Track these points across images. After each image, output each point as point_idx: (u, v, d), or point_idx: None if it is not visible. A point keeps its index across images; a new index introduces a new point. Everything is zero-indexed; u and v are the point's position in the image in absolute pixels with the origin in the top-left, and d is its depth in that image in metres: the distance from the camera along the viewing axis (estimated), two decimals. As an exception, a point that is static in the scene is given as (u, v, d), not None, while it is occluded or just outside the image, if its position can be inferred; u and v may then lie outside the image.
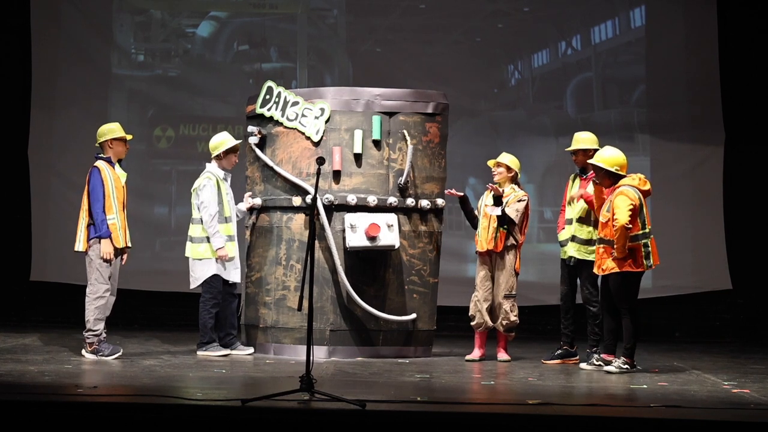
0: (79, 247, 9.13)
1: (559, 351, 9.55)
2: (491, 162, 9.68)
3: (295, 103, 9.69)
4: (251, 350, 9.68)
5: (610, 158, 8.79)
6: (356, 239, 9.36)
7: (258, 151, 9.81)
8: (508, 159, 9.63)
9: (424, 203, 9.73)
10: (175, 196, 12.93)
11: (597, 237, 8.87)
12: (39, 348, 9.80)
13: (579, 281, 9.44)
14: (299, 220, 9.66)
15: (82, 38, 12.85)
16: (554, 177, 12.38)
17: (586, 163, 9.42)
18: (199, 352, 9.49)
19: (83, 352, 9.10)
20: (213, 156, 9.70)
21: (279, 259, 9.70)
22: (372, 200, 9.53)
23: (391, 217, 9.47)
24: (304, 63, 12.97)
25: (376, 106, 9.67)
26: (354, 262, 9.54)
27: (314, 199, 7.68)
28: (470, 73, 12.93)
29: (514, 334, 9.69)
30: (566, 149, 9.65)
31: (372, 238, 9.36)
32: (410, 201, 9.67)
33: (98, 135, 9.32)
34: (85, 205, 9.15)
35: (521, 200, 9.54)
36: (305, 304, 7.23)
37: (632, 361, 8.79)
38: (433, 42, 13.13)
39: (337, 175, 9.59)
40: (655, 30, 12.81)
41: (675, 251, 12.37)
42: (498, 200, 9.39)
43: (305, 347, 7.17)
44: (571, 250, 9.38)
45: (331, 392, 6.77)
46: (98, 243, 9.04)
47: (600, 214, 8.84)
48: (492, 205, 9.42)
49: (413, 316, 9.67)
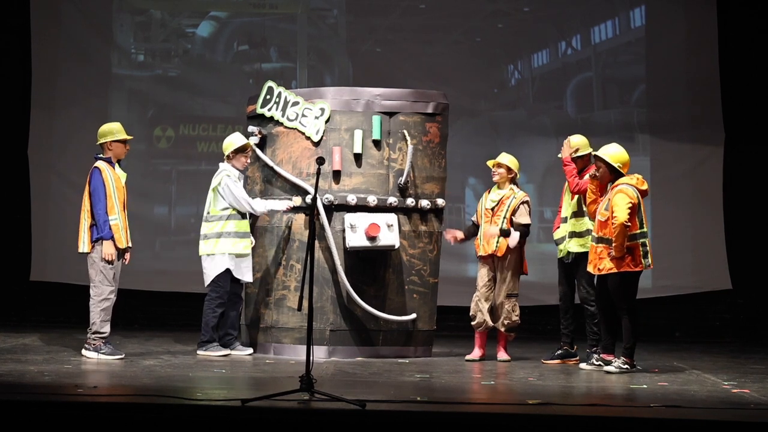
0: (84, 248, 9.12)
1: (560, 351, 9.55)
2: (491, 162, 9.67)
3: (296, 103, 9.69)
4: (251, 350, 9.68)
5: (615, 155, 8.81)
6: (356, 239, 9.36)
7: (258, 151, 9.81)
8: (508, 159, 9.62)
9: (424, 203, 9.73)
10: (175, 196, 12.94)
11: (595, 235, 8.84)
12: (39, 348, 9.80)
13: (576, 280, 9.44)
14: (299, 220, 9.67)
15: (82, 38, 12.85)
16: (554, 177, 12.36)
17: (582, 166, 9.42)
18: (199, 352, 9.49)
19: (83, 351, 9.10)
20: (225, 156, 9.70)
21: (279, 259, 9.70)
22: (372, 200, 9.53)
23: (391, 217, 9.47)
24: (304, 63, 12.97)
25: (376, 106, 9.67)
26: (354, 262, 9.54)
27: (314, 199, 7.69)
28: (470, 73, 12.93)
29: (515, 334, 9.69)
30: (573, 155, 9.46)
31: (372, 238, 9.36)
32: (410, 201, 9.67)
33: (99, 135, 9.31)
34: (86, 206, 9.14)
35: (525, 202, 9.57)
36: (305, 304, 7.23)
37: (632, 361, 8.79)
38: (433, 42, 13.13)
39: (337, 175, 9.59)
40: (655, 30, 12.81)
41: (675, 251, 12.38)
42: (506, 233, 9.44)
43: (305, 347, 7.17)
44: (571, 246, 9.37)
45: (331, 392, 6.77)
46: (100, 244, 9.04)
47: (598, 213, 8.83)
48: (499, 235, 9.45)
49: (413, 316, 9.67)
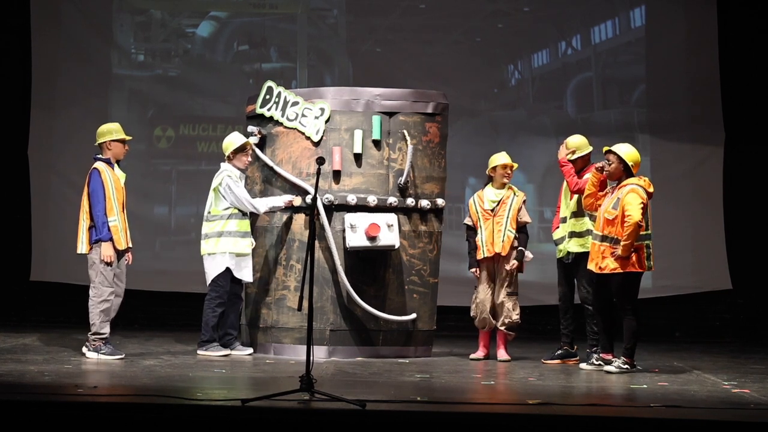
0: (82, 249, 9.12)
1: (560, 351, 9.55)
2: (507, 163, 9.58)
3: (295, 103, 9.70)
4: (251, 350, 9.68)
5: (628, 153, 8.82)
6: (356, 239, 9.36)
7: (258, 151, 9.81)
8: (510, 160, 9.67)
9: (424, 203, 9.74)
10: (175, 196, 12.94)
11: (598, 233, 8.82)
12: (39, 348, 9.80)
13: (576, 280, 9.44)
14: (299, 220, 9.67)
15: (82, 38, 12.85)
16: (554, 177, 12.34)
17: (583, 166, 9.43)
18: (199, 352, 9.49)
19: (84, 350, 9.10)
20: (225, 157, 9.70)
21: (279, 259, 9.70)
22: (372, 200, 9.53)
23: (391, 217, 9.47)
24: (304, 63, 12.97)
25: (376, 106, 9.67)
26: (354, 262, 9.54)
27: (314, 199, 7.69)
28: (470, 73, 12.92)
29: (515, 333, 9.69)
30: (569, 158, 9.48)
31: (372, 238, 9.37)
32: (410, 201, 9.67)
33: (98, 135, 9.31)
34: (85, 207, 9.14)
35: (524, 200, 9.62)
36: (305, 304, 7.23)
37: (632, 361, 8.79)
38: (433, 42, 13.13)
39: (337, 175, 9.59)
40: (655, 30, 12.81)
41: (675, 251, 12.38)
42: (521, 257, 9.56)
43: (305, 347, 7.17)
44: (571, 246, 9.37)
45: (331, 392, 6.77)
46: (99, 246, 9.04)
47: (604, 211, 8.80)
48: (516, 258, 9.55)
49: (413, 316, 9.67)
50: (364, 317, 9.56)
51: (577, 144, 9.50)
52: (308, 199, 9.48)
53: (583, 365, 9.17)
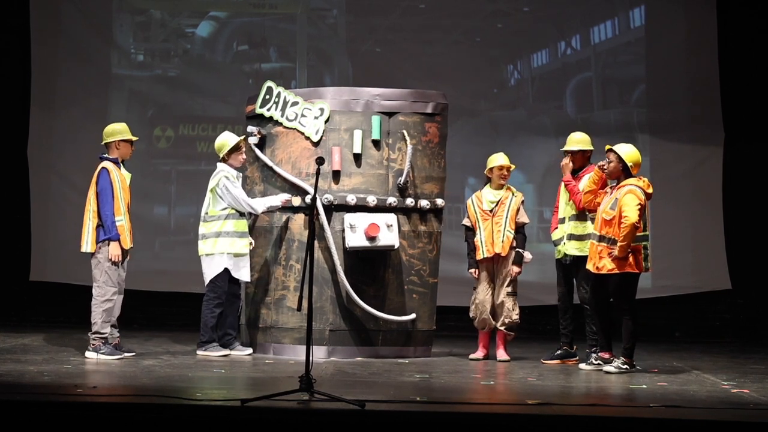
0: (87, 248, 9.12)
1: (559, 351, 9.54)
2: (505, 164, 9.60)
3: (295, 103, 9.69)
4: (250, 350, 9.68)
5: (630, 153, 8.82)
6: (356, 239, 9.36)
7: (257, 151, 9.81)
8: (508, 161, 9.66)
9: (424, 203, 9.74)
10: (174, 196, 12.93)
11: (596, 233, 8.83)
12: (39, 348, 9.80)
13: (575, 281, 9.44)
14: (299, 220, 9.67)
15: (82, 38, 12.85)
16: (554, 177, 12.32)
17: (582, 164, 9.46)
18: (198, 352, 9.50)
19: (87, 353, 9.12)
20: (220, 158, 9.70)
21: (278, 259, 9.70)
22: (371, 200, 9.53)
23: (391, 217, 9.47)
24: (303, 63, 12.96)
25: (376, 106, 9.67)
26: (353, 262, 9.54)
27: (314, 199, 7.68)
28: (470, 73, 12.92)
29: (514, 333, 9.69)
30: (562, 149, 9.61)
31: (371, 238, 9.36)
32: (410, 201, 9.67)
33: (105, 135, 9.30)
34: (92, 206, 9.12)
35: (522, 201, 9.60)
36: (305, 304, 7.23)
37: (631, 361, 8.79)
38: (433, 42, 13.12)
39: (336, 175, 9.59)
40: (654, 30, 12.81)
41: (675, 251, 12.38)
42: (519, 259, 9.56)
43: (305, 347, 7.17)
44: (569, 249, 9.37)
45: (331, 392, 6.77)
46: (107, 245, 9.04)
47: (602, 211, 8.81)
48: (514, 262, 9.56)
49: (413, 316, 9.67)
50: (364, 317, 9.56)
51: (579, 140, 9.51)
52: (308, 199, 9.48)
53: (582, 365, 9.17)
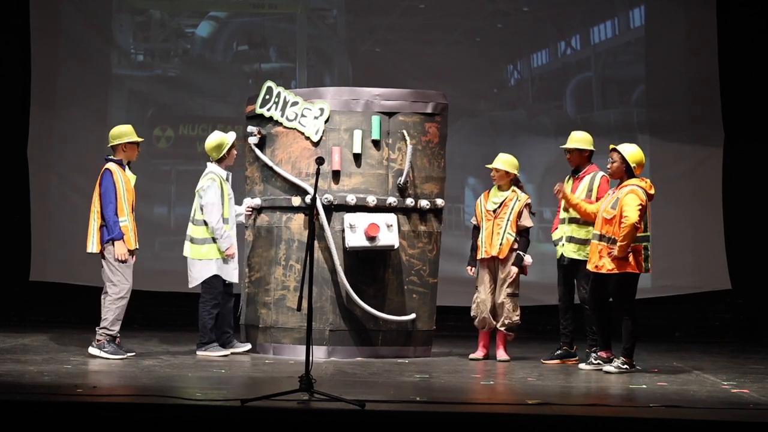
0: (92, 248, 9.15)
1: (559, 351, 9.55)
2: (490, 166, 9.67)
3: (295, 103, 9.69)
4: (249, 346, 9.68)
5: (632, 154, 8.82)
6: (356, 239, 9.36)
7: (257, 151, 9.81)
8: (503, 163, 9.61)
9: (424, 203, 9.73)
10: (174, 196, 12.93)
11: (596, 233, 8.83)
12: (39, 348, 9.80)
13: (575, 281, 9.44)
14: (299, 220, 9.67)
15: (82, 38, 12.85)
16: (554, 177, 12.33)
17: (579, 163, 9.47)
18: (198, 352, 9.50)
19: (90, 348, 9.12)
20: (217, 158, 9.68)
21: (278, 259, 9.70)
22: (371, 200, 9.53)
23: (391, 217, 9.47)
24: (303, 63, 12.96)
25: (376, 106, 9.67)
26: (353, 262, 9.54)
27: (314, 199, 7.68)
28: (470, 73, 12.92)
29: (515, 334, 9.69)
30: (561, 146, 9.65)
31: (371, 238, 9.36)
32: (410, 201, 9.67)
33: (111, 137, 9.32)
34: (96, 207, 9.16)
35: (527, 204, 9.59)
36: (305, 304, 7.24)
37: (631, 361, 8.79)
38: (433, 42, 13.13)
39: (336, 175, 9.59)
40: (654, 30, 12.81)
41: (675, 251, 12.38)
42: (520, 262, 9.53)
43: (305, 347, 7.17)
44: (568, 251, 9.37)
45: (331, 392, 6.77)
46: (112, 245, 9.06)
47: (603, 210, 8.81)
48: (514, 263, 9.54)
49: (413, 316, 9.67)
50: (364, 317, 9.56)
51: (578, 138, 9.51)
52: (308, 199, 9.48)
53: (582, 365, 9.17)
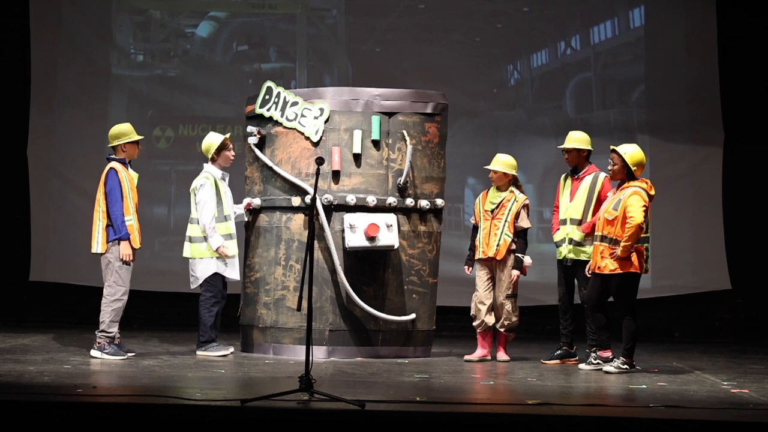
0: (98, 249, 9.14)
1: (559, 351, 9.55)
2: (488, 167, 9.66)
3: (295, 104, 9.70)
4: (231, 349, 9.65)
5: (632, 155, 8.81)
6: (355, 239, 9.36)
7: (257, 152, 9.81)
8: (501, 164, 9.60)
9: (424, 203, 9.74)
10: (174, 196, 12.93)
11: (598, 233, 8.84)
12: (39, 348, 9.80)
13: (576, 281, 9.45)
14: (298, 220, 9.67)
15: (82, 38, 12.86)
16: (554, 177, 12.32)
17: (577, 162, 9.48)
18: (198, 352, 9.50)
19: (92, 351, 9.13)
20: (208, 158, 9.73)
21: (278, 259, 9.70)
22: (371, 200, 9.53)
23: (391, 217, 9.47)
24: (303, 63, 12.96)
25: (376, 107, 9.67)
26: (353, 262, 9.54)
27: (313, 199, 7.68)
28: (470, 73, 12.92)
29: (514, 334, 9.69)
30: (559, 147, 9.67)
31: (371, 239, 9.37)
32: (409, 201, 9.67)
33: (111, 137, 9.32)
34: (101, 207, 9.15)
35: (525, 205, 9.58)
36: (304, 304, 7.24)
37: (631, 361, 8.79)
38: (432, 42, 13.13)
39: (336, 175, 9.59)
40: (654, 30, 12.81)
41: (675, 251, 12.38)
42: (519, 264, 9.51)
43: (304, 347, 7.17)
44: (567, 252, 9.38)
45: (331, 392, 6.77)
46: (117, 245, 9.06)
47: (604, 211, 8.81)
48: (513, 267, 9.52)
49: (412, 316, 9.67)
50: (364, 317, 9.56)
51: (576, 138, 9.51)
52: (307, 199, 9.48)
53: (582, 365, 9.17)
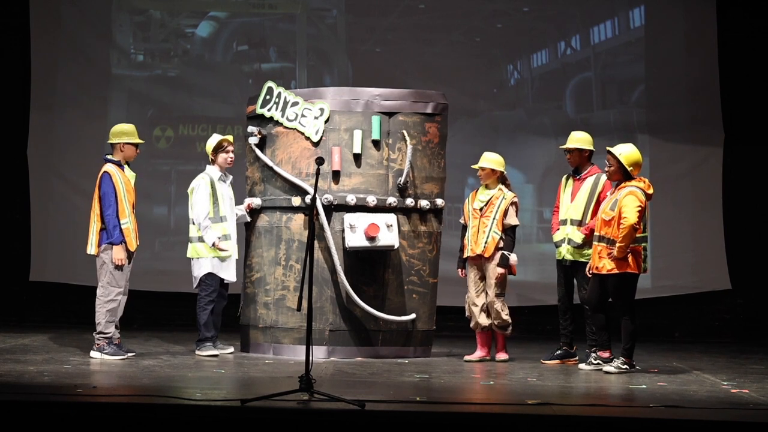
0: (92, 250, 9.15)
1: (559, 351, 9.55)
2: (475, 166, 9.67)
3: (295, 104, 9.70)
4: (231, 349, 9.66)
5: (628, 155, 8.80)
6: (355, 239, 9.36)
7: (258, 152, 9.82)
8: (488, 161, 9.58)
9: (424, 203, 9.74)
10: (174, 196, 12.93)
11: (596, 234, 8.85)
12: (38, 348, 9.80)
13: (576, 282, 9.45)
14: (299, 220, 9.67)
15: (82, 38, 12.86)
16: (554, 177, 12.34)
17: (579, 163, 9.49)
18: (197, 352, 9.51)
19: (91, 352, 9.13)
20: (210, 159, 9.76)
21: (278, 259, 9.70)
22: (371, 200, 9.53)
23: (391, 217, 9.47)
24: (303, 63, 12.96)
25: (376, 107, 9.67)
26: (353, 262, 9.54)
27: (314, 199, 7.68)
28: (470, 73, 12.93)
29: (510, 330, 9.67)
30: (561, 147, 9.67)
31: (371, 238, 9.37)
32: (410, 201, 9.67)
33: (112, 134, 9.32)
34: (96, 209, 9.15)
35: (513, 203, 9.55)
36: (304, 304, 7.24)
37: (631, 361, 8.80)
38: (432, 42, 13.13)
39: (336, 176, 9.59)
40: (654, 30, 12.81)
41: (675, 251, 12.38)
42: (505, 261, 9.45)
43: (304, 347, 7.17)
44: (566, 252, 9.38)
45: (331, 392, 6.77)
46: (110, 248, 9.06)
47: (601, 211, 8.83)
48: (499, 264, 9.47)
49: (412, 316, 9.67)
50: (364, 317, 9.56)
51: (578, 138, 9.51)
52: (308, 199, 9.48)
53: (582, 365, 9.17)
